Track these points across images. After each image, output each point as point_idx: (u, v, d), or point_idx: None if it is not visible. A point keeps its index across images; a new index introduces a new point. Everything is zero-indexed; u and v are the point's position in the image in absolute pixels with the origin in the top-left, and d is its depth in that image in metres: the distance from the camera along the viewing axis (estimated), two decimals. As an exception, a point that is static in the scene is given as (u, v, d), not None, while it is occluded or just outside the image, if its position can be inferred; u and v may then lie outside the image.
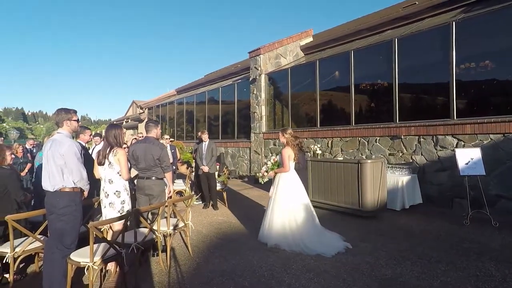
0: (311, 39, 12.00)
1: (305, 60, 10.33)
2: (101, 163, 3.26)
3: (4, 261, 2.85)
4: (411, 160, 6.57)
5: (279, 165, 4.33)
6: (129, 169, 3.43)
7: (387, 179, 5.82)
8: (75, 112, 3.01)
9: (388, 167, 6.39)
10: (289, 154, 4.15)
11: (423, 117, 6.46)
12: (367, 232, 4.66)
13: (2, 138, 4.13)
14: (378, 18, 9.72)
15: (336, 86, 8.76)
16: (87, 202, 3.43)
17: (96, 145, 6.28)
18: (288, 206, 4.12)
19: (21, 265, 3.36)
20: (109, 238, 3.10)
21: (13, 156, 3.30)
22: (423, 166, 6.38)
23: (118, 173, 3.28)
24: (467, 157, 5.06)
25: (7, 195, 3.11)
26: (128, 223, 3.30)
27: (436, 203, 6.14)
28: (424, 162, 6.38)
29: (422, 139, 6.40)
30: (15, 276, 3.10)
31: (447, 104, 6.07)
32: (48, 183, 2.75)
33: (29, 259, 3.30)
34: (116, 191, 3.26)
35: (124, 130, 19.06)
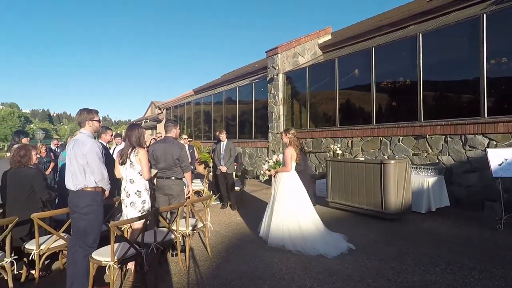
0: (329, 37, 11.77)
1: (323, 59, 10.13)
2: (123, 163, 3.28)
3: (30, 258, 2.91)
4: (437, 161, 6.26)
5: (281, 164, 4.31)
6: (150, 169, 3.43)
7: (412, 180, 5.58)
8: (96, 112, 3.05)
9: (413, 167, 6.13)
10: (291, 154, 4.16)
11: (450, 116, 6.14)
12: (391, 236, 4.47)
13: (28, 138, 4.28)
14: (400, 13, 9.37)
15: (356, 84, 8.52)
16: (108, 202, 3.47)
17: (117, 145, 6.41)
18: (290, 205, 4.12)
19: (46, 262, 3.44)
20: (128, 238, 3.11)
21: (38, 156, 3.39)
22: (451, 167, 6.06)
23: (139, 173, 3.29)
24: (500, 157, 4.75)
25: (33, 193, 3.20)
26: (148, 223, 3.30)
27: (464, 206, 5.82)
28: (451, 163, 6.06)
29: (449, 139, 6.09)
30: (40, 273, 3.18)
31: (476, 102, 5.74)
32: (71, 183, 2.79)
33: (54, 256, 3.38)
34: (137, 191, 3.27)
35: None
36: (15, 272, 3.05)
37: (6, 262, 2.62)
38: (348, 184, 5.86)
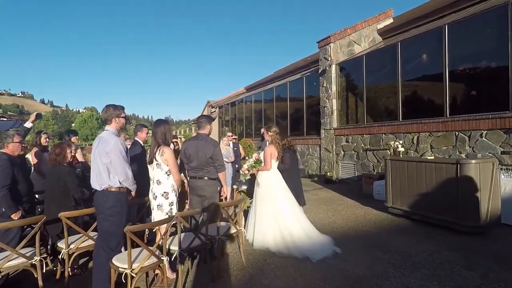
0: (391, 20, 10.46)
1: (383, 45, 8.99)
2: (150, 162, 3.11)
3: (61, 256, 2.90)
4: (536, 161, 4.92)
5: (261, 163, 4.16)
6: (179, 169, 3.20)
7: (502, 185, 4.43)
8: (123, 108, 2.90)
9: (502, 169, 4.91)
10: (271, 152, 4.07)
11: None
12: (471, 255, 3.53)
13: (77, 137, 4.51)
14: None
15: (424, 70, 7.30)
16: (140, 201, 3.35)
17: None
18: (270, 205, 3.95)
19: (83, 260, 3.47)
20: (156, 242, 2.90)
21: (72, 154, 3.42)
22: (557, 169, 4.69)
23: (166, 173, 3.07)
24: None
25: (67, 191, 3.22)
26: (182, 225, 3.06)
27: None
28: (558, 164, 4.69)
29: (555, 132, 4.72)
30: (75, 271, 3.19)
31: None
32: (96, 182, 2.68)
33: (91, 254, 3.38)
34: (164, 192, 3.06)
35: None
36: (54, 268, 3.11)
37: (35, 260, 2.61)
38: (412, 187, 4.93)
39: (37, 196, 3.91)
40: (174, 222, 2.78)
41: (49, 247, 3.28)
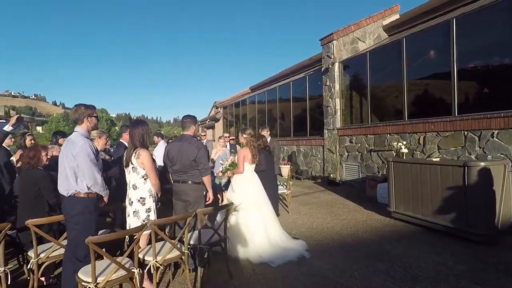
0: (397, 16, 10.07)
1: (388, 41, 8.63)
2: (126, 166, 2.91)
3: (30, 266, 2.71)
4: (553, 163, 4.53)
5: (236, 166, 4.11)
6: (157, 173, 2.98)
7: (514, 190, 4.08)
8: (94, 108, 2.71)
9: (514, 172, 4.53)
10: (244, 155, 4.02)
11: None
12: (482, 267, 3.21)
13: (65, 138, 4.38)
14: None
15: (431, 67, 6.93)
16: (116, 207, 3.15)
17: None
18: (243, 212, 3.77)
19: (60, 269, 3.29)
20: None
21: (48, 157, 3.25)
22: None
23: (143, 177, 2.87)
24: None
25: (40, 196, 3.05)
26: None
27: None
28: None
29: None
30: (50, 280, 3.02)
31: None
32: (63, 187, 2.49)
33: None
34: (141, 197, 2.85)
35: (205, 129, 19.85)
36: (27, 278, 2.93)
37: (0, 272, 2.43)
38: (416, 191, 4.61)
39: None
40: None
41: (25, 255, 3.12)
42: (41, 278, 2.98)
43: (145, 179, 2.87)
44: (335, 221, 5.15)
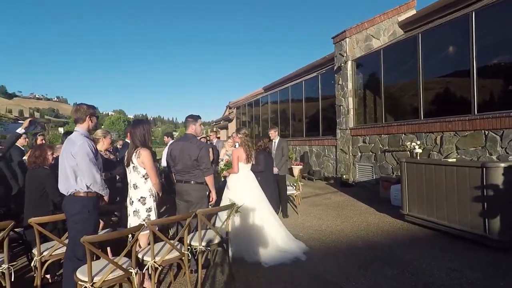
0: (413, 12, 9.72)
1: (402, 38, 8.33)
2: (127, 166, 2.90)
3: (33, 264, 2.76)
4: None
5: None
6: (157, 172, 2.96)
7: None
8: (95, 107, 2.72)
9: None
10: (238, 155, 3.99)
11: None
12: (501, 276, 3.00)
13: None
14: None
15: (448, 63, 6.62)
16: (118, 207, 3.16)
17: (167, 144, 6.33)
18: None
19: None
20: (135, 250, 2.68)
21: (54, 156, 3.30)
22: None
23: (144, 176, 2.86)
24: None
25: (45, 195, 3.10)
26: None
27: None
28: None
29: None
30: (55, 278, 3.07)
31: None
32: (63, 186, 2.51)
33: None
34: (141, 197, 2.84)
35: (218, 130, 19.84)
36: (34, 275, 2.98)
37: (3, 269, 2.48)
38: (431, 193, 4.40)
39: None
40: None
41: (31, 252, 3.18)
42: (46, 276, 3.04)
43: (145, 179, 2.86)
44: (345, 224, 4.99)
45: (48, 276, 3.04)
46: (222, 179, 4.32)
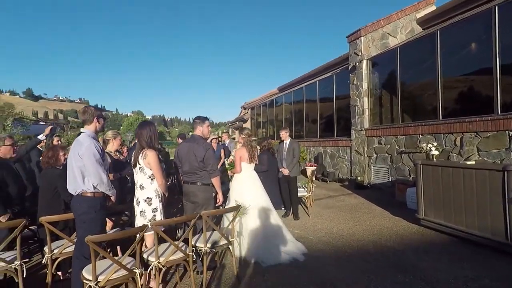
0: (433, 8, 9.37)
1: (420, 35, 8.04)
2: (134, 166, 2.94)
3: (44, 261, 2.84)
4: None
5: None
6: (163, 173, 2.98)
7: None
8: (101, 110, 2.77)
9: None
10: (241, 155, 4.03)
11: None
12: (521, 286, 2.81)
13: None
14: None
15: (469, 61, 6.33)
16: (125, 207, 3.20)
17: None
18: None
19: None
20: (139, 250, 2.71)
21: (66, 157, 3.39)
22: None
23: (150, 177, 2.88)
24: None
25: (57, 195, 3.19)
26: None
27: None
28: None
29: None
30: (67, 275, 3.14)
31: None
32: (71, 186, 2.57)
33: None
34: (147, 197, 2.87)
35: (234, 130, 19.88)
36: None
37: (16, 265, 2.56)
38: (448, 197, 4.20)
39: None
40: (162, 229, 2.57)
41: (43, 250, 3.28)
42: (58, 273, 3.13)
43: (152, 179, 2.89)
44: (357, 227, 4.85)
45: (59, 273, 3.13)
46: (231, 177, 4.41)
